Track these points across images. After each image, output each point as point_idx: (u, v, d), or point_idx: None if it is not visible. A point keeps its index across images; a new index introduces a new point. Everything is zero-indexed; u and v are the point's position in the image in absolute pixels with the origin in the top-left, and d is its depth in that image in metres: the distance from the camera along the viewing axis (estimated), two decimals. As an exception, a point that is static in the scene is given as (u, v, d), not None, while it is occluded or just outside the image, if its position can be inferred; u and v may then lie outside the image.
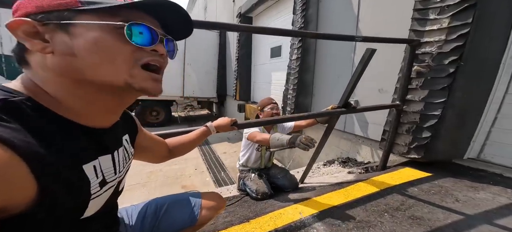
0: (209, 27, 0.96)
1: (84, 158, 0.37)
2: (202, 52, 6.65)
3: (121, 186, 0.52)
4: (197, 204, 0.75)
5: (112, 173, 0.45)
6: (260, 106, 1.76)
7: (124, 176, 0.52)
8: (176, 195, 0.80)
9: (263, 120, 1.22)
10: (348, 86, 1.38)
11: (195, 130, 0.91)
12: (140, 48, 0.37)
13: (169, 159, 0.77)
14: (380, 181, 1.49)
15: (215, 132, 0.94)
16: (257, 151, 1.75)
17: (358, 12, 2.41)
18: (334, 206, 1.23)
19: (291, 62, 3.22)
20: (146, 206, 0.71)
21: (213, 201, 0.80)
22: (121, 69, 0.36)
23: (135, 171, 3.41)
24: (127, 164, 0.52)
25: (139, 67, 0.38)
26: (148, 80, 0.39)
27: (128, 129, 0.54)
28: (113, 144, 0.46)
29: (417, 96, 1.57)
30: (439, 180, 1.44)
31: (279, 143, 1.26)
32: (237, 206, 1.50)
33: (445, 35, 1.45)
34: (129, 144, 0.54)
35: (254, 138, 1.52)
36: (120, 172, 0.48)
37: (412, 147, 1.60)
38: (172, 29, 0.43)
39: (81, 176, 0.36)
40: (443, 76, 1.45)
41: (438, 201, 1.23)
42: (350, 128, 2.56)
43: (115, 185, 0.47)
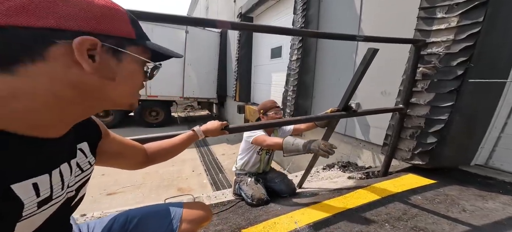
0: (206, 25, 0.91)
1: (16, 176, 0.32)
2: (203, 52, 6.62)
3: (76, 200, 0.46)
4: (177, 216, 0.67)
5: (59, 188, 0.39)
6: (262, 109, 1.67)
7: (80, 188, 0.46)
8: (152, 206, 0.72)
9: (258, 124, 1.15)
10: (349, 88, 1.30)
11: (180, 135, 0.84)
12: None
13: (148, 165, 0.70)
14: (381, 188, 1.41)
15: (203, 137, 0.88)
16: (257, 155, 1.69)
17: (361, 12, 2.34)
18: (332, 215, 1.15)
19: (291, 63, 3.15)
20: (112, 220, 0.64)
21: (197, 212, 0.72)
22: (134, 95, 0.43)
23: (129, 172, 3.35)
24: (82, 175, 0.46)
25: None
26: (137, 99, 0.45)
27: (86, 136, 0.48)
28: (61, 155, 0.40)
29: (423, 100, 1.49)
30: (444, 188, 1.35)
31: (294, 148, 1.15)
32: (230, 212, 1.43)
33: (453, 35, 1.37)
34: (87, 153, 0.47)
35: (264, 142, 1.42)
36: (70, 186, 0.42)
37: (416, 153, 1.52)
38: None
39: (8, 197, 0.31)
40: (451, 79, 1.37)
41: (443, 211, 1.15)
42: (351, 131, 2.48)
43: (63, 200, 0.40)
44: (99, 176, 3.16)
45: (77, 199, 0.46)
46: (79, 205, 0.48)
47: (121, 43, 0.36)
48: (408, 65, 1.54)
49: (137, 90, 0.43)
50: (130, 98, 0.42)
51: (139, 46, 0.39)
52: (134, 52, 0.38)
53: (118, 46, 0.35)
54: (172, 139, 0.80)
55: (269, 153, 1.78)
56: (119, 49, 0.36)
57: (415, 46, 1.45)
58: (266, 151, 1.73)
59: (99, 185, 2.94)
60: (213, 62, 6.90)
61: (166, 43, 5.55)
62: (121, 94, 0.39)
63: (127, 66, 0.38)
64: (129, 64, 0.38)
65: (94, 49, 0.32)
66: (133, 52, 0.38)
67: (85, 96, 0.35)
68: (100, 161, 0.54)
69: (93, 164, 0.49)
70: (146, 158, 0.68)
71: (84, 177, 0.46)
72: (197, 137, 0.86)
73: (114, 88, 0.37)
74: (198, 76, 6.62)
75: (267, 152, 1.75)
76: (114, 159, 0.58)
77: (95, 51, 0.32)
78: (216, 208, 1.50)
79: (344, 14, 2.54)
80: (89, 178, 0.48)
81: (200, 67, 6.60)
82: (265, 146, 1.45)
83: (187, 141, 0.82)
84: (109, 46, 0.34)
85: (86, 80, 0.33)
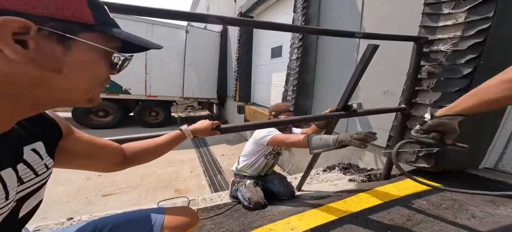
0: (193, 20, 0.88)
1: None
2: (203, 52, 6.58)
3: (27, 210, 0.39)
4: (157, 223, 0.61)
5: (2, 199, 0.33)
6: (275, 111, 1.59)
7: (34, 194, 0.40)
8: (129, 213, 0.66)
9: (253, 124, 1.09)
10: (348, 87, 1.24)
11: (165, 134, 0.77)
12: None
13: (126, 167, 0.63)
14: (383, 192, 1.34)
15: (191, 137, 0.81)
16: (264, 159, 1.63)
17: (362, 9, 2.28)
18: (330, 221, 1.08)
19: (291, 62, 3.09)
20: (78, 231, 0.58)
21: (181, 219, 0.66)
22: (93, 90, 0.37)
23: (126, 172, 3.30)
24: (36, 179, 0.39)
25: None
26: (100, 95, 0.40)
27: (41, 135, 0.41)
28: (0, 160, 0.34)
29: (428, 99, 1.41)
30: (451, 193, 1.27)
31: (323, 143, 1.03)
32: (225, 216, 1.37)
33: (461, 31, 1.29)
34: (43, 154, 0.41)
35: (286, 140, 1.31)
36: (19, 193, 0.36)
37: (421, 155, 1.44)
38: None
39: None
40: (458, 77, 1.29)
41: (451, 217, 1.07)
42: (352, 132, 2.41)
43: (7, 212, 0.34)
44: (95, 177, 3.11)
45: (32, 208, 0.40)
46: (35, 213, 0.42)
47: (71, 28, 0.30)
48: (410, 63, 1.47)
49: (97, 84, 0.37)
50: (86, 94, 0.36)
51: (99, 33, 0.33)
52: (90, 40, 0.32)
53: (65, 31, 0.30)
54: (156, 139, 0.73)
55: (275, 158, 1.72)
56: (67, 36, 0.30)
57: (417, 43, 1.38)
58: (273, 156, 1.66)
59: (95, 186, 2.89)
60: (213, 62, 6.86)
61: (166, 42, 5.48)
62: (74, 88, 0.34)
63: (79, 56, 0.32)
64: (83, 53, 0.32)
65: (25, 33, 0.26)
66: (89, 40, 0.32)
67: (19, 90, 0.29)
68: (65, 163, 0.47)
69: (50, 166, 0.43)
70: (124, 159, 0.62)
71: (39, 181, 0.40)
72: (184, 137, 0.79)
73: (62, 82, 0.32)
74: (198, 76, 6.57)
75: (274, 157, 1.69)
76: (83, 160, 0.51)
77: (28, 35, 0.27)
78: (211, 211, 1.44)
79: (345, 12, 2.47)
80: (45, 182, 0.42)
81: (200, 67, 6.56)
82: (288, 144, 1.33)
83: (172, 141, 0.75)
84: (51, 31, 0.28)
85: (16, 71, 0.28)
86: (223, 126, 0.92)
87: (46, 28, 0.28)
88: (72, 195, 2.64)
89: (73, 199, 2.57)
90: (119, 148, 0.61)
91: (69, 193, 2.69)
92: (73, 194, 2.66)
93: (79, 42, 0.31)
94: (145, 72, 6.00)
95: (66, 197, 2.58)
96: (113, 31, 0.35)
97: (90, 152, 0.52)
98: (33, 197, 0.40)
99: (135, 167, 0.64)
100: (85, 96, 0.36)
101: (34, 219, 0.43)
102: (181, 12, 0.84)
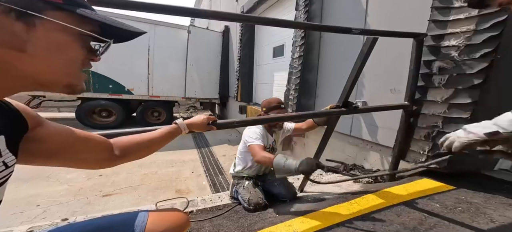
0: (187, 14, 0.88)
1: None
2: (205, 52, 6.56)
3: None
4: (138, 229, 0.55)
5: None
6: (265, 108, 1.54)
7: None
8: (105, 217, 0.61)
9: (251, 119, 1.03)
10: (348, 83, 1.21)
11: (160, 128, 0.72)
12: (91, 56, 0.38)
13: (117, 164, 0.58)
14: (392, 193, 1.26)
15: (187, 131, 0.78)
16: None
17: (367, 6, 2.21)
18: (335, 224, 1.01)
19: (293, 60, 3.03)
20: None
21: (167, 223, 0.60)
22: (70, 73, 0.35)
23: (127, 172, 3.28)
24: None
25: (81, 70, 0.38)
26: (83, 80, 0.38)
27: (1, 128, 0.35)
28: None
29: (440, 96, 1.34)
30: (466, 195, 1.19)
31: (285, 170, 1.05)
32: (225, 218, 1.31)
33: (474, 25, 1.22)
34: (2, 149, 0.35)
35: (255, 156, 1.35)
36: None
37: (432, 156, 1.36)
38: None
39: None
40: (473, 72, 1.21)
41: (467, 221, 0.99)
42: (357, 132, 2.33)
43: None
44: (96, 177, 3.09)
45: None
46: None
47: (33, 5, 0.28)
48: (411, 60, 1.43)
49: (74, 67, 0.35)
50: (61, 77, 0.34)
51: (70, 13, 0.32)
52: (59, 19, 0.30)
53: (25, 7, 0.28)
54: (149, 133, 0.69)
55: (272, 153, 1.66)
56: (28, 12, 0.28)
57: (416, 40, 1.35)
58: (268, 151, 1.61)
59: (95, 186, 2.86)
60: (215, 62, 6.84)
61: (168, 42, 5.49)
62: (44, 71, 0.32)
63: (45, 35, 0.30)
64: (50, 33, 0.31)
65: None
66: (57, 19, 0.30)
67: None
68: (36, 159, 0.42)
69: (11, 164, 0.37)
70: (111, 154, 0.56)
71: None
72: (180, 132, 0.75)
73: (28, 62, 0.30)
74: (200, 76, 6.55)
75: (270, 152, 1.63)
76: (59, 155, 0.45)
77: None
78: (210, 213, 1.39)
79: (349, 8, 2.40)
80: (4, 181, 0.36)
81: (202, 67, 6.54)
82: (256, 161, 1.37)
83: (167, 135, 0.71)
84: (9, 6, 0.27)
85: None
86: (219, 122, 0.89)
87: (2, 3, 0.26)
88: (72, 195, 2.62)
89: (73, 199, 2.54)
90: (106, 142, 0.55)
91: (69, 193, 2.66)
92: (73, 194, 2.63)
93: (43, 20, 0.30)
94: (147, 72, 6.01)
95: (66, 197, 2.55)
96: (81, 11, 0.32)
97: (68, 146, 0.46)
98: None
99: (136, 167, 0.60)
100: (60, 80, 0.34)
101: (31, 218, 0.38)
102: (182, 8, 0.84)
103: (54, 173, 3.09)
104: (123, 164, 0.60)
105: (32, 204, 2.31)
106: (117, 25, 0.35)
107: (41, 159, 0.43)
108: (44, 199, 2.46)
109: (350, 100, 1.33)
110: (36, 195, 2.51)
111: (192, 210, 1.40)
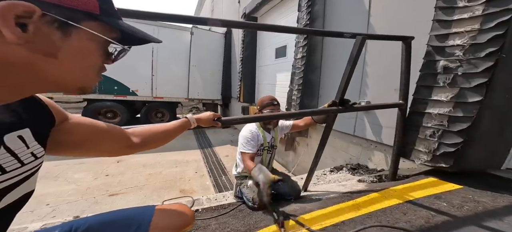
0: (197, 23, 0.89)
1: None
2: (207, 54, 6.61)
3: (10, 201, 0.36)
4: (144, 224, 0.57)
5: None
6: (259, 106, 1.60)
7: (19, 185, 0.36)
8: (112, 213, 0.63)
9: (252, 117, 1.07)
10: (342, 82, 1.27)
11: (173, 121, 0.79)
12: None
13: (136, 151, 0.62)
14: (398, 192, 1.26)
15: (195, 125, 0.85)
16: (258, 157, 1.61)
17: (369, 6, 2.21)
18: (340, 222, 1.02)
19: (295, 61, 3.04)
20: (54, 229, 0.54)
21: (173, 218, 0.62)
22: (86, 77, 0.37)
23: (133, 172, 3.32)
24: (21, 169, 0.36)
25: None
26: (96, 83, 0.39)
27: (28, 122, 0.38)
28: None
29: (445, 96, 1.34)
30: (473, 194, 1.19)
31: (253, 180, 1.24)
32: (230, 216, 1.33)
33: (479, 24, 1.22)
34: (29, 142, 0.38)
35: (244, 162, 1.48)
36: (3, 182, 0.33)
37: (439, 154, 1.36)
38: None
39: None
40: (478, 71, 1.21)
41: (475, 220, 0.99)
42: (360, 131, 2.33)
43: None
44: (102, 177, 3.14)
45: (17, 199, 0.37)
46: (22, 204, 0.39)
47: (75, 16, 0.30)
48: (401, 61, 1.50)
49: (91, 72, 0.37)
50: (79, 80, 0.36)
51: (101, 23, 0.34)
52: (92, 29, 0.32)
53: (69, 19, 0.30)
54: (165, 124, 0.74)
55: (270, 151, 1.68)
56: (70, 23, 0.30)
57: (405, 42, 1.42)
58: (267, 150, 1.65)
59: (102, 186, 2.91)
60: (217, 63, 6.88)
61: (172, 44, 5.55)
62: (66, 75, 0.33)
63: (77, 43, 0.32)
64: (81, 41, 0.32)
65: (29, 17, 0.27)
66: (91, 28, 0.32)
67: (8, 71, 0.29)
68: (63, 150, 0.46)
69: (40, 155, 0.39)
70: (130, 142, 0.60)
71: (26, 171, 0.37)
72: (189, 125, 0.83)
73: (56, 67, 0.32)
74: (203, 77, 6.60)
75: (268, 151, 1.66)
76: (84, 146, 0.49)
77: (30, 20, 0.27)
78: (216, 211, 1.41)
79: (352, 9, 2.41)
80: (34, 171, 0.39)
81: (205, 69, 6.59)
82: (243, 166, 1.50)
83: (179, 128, 0.77)
84: (56, 17, 0.28)
85: (7, 50, 0.27)
86: (224, 118, 0.97)
87: (50, 14, 0.28)
88: (80, 194, 2.67)
89: (80, 198, 2.58)
90: (123, 131, 0.59)
91: (77, 192, 2.71)
92: (81, 194, 2.68)
93: (79, 30, 0.31)
94: (151, 74, 6.08)
95: (74, 196, 2.60)
96: (118, 23, 0.35)
97: (92, 137, 0.50)
98: (20, 187, 0.37)
99: (141, 167, 0.64)
100: (77, 83, 0.36)
101: (41, 217, 0.40)
102: (186, 16, 0.94)
103: (62, 173, 3.15)
104: (128, 165, 0.62)
105: (42, 203, 2.36)
106: (137, 34, 0.38)
107: (67, 150, 0.46)
108: (53, 198, 2.51)
109: (353, 100, 1.35)
110: (45, 194, 2.56)
111: (198, 209, 1.41)
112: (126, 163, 3.65)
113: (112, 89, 5.70)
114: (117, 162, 3.65)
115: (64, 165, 3.34)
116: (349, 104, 1.29)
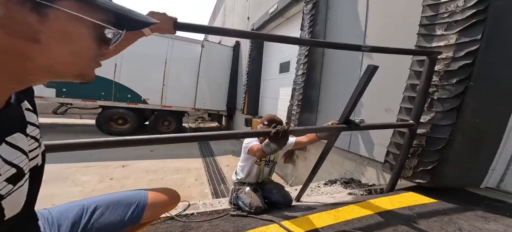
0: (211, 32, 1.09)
1: None
2: (216, 66, 6.91)
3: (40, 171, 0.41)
4: (141, 203, 0.70)
5: (25, 159, 0.35)
6: (267, 122, 1.64)
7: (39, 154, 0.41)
8: (113, 194, 0.73)
9: (243, 132, 1.17)
10: (349, 104, 1.26)
11: None
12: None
13: None
14: (377, 204, 1.35)
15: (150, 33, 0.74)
16: (256, 165, 1.71)
17: (365, 28, 2.39)
18: (320, 227, 1.12)
19: (296, 77, 3.21)
20: (66, 209, 0.61)
21: (162, 197, 0.75)
22: (81, 63, 0.35)
23: (136, 177, 3.48)
24: (37, 150, 0.41)
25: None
26: (94, 70, 0.38)
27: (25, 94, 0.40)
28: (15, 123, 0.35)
29: (424, 117, 1.45)
30: (444, 207, 1.27)
31: (271, 149, 1.20)
32: (222, 220, 1.44)
33: (452, 52, 1.35)
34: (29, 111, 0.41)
35: (252, 150, 1.49)
36: (32, 151, 0.38)
37: (418, 171, 1.45)
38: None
39: None
40: (451, 97, 1.33)
41: (437, 229, 1.08)
42: (355, 148, 2.42)
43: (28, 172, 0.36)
44: (107, 180, 3.32)
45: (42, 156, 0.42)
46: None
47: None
48: (422, 78, 1.40)
49: (86, 58, 0.35)
50: (72, 67, 0.34)
51: (80, 2, 0.31)
52: (69, 9, 0.30)
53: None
54: None
55: (269, 165, 1.79)
56: (42, 2, 0.28)
57: (430, 58, 1.33)
58: (265, 162, 1.74)
59: (106, 189, 3.07)
60: (224, 76, 7.14)
61: (183, 55, 5.88)
62: (58, 61, 0.32)
63: (58, 26, 0.30)
64: (62, 23, 0.30)
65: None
66: (68, 8, 0.30)
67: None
68: None
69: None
70: None
71: (38, 155, 0.42)
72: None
73: (42, 53, 0.30)
74: (210, 88, 6.86)
75: (266, 164, 1.76)
76: None
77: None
78: (210, 215, 1.52)
79: (350, 30, 2.60)
80: (43, 160, 0.44)
81: (212, 80, 6.86)
82: (253, 153, 1.50)
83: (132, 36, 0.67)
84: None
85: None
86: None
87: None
88: (85, 195, 2.82)
89: (86, 199, 2.74)
90: None
91: (83, 194, 2.88)
92: (86, 195, 2.84)
93: (56, 10, 0.29)
94: (162, 83, 6.39)
95: (79, 198, 2.73)
96: (101, 2, 0.32)
97: None
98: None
99: (144, 173, 0.69)
100: (71, 70, 0.34)
101: None
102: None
103: (71, 175, 3.34)
104: (132, 170, 0.72)
105: (48, 204, 2.51)
106: (131, 15, 0.35)
107: None
108: (59, 199, 2.64)
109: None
110: (52, 195, 2.71)
111: (193, 212, 1.53)
112: (131, 168, 3.83)
113: (125, 97, 6.04)
114: (123, 167, 3.84)
115: (73, 168, 3.53)
116: (353, 123, 1.28)
